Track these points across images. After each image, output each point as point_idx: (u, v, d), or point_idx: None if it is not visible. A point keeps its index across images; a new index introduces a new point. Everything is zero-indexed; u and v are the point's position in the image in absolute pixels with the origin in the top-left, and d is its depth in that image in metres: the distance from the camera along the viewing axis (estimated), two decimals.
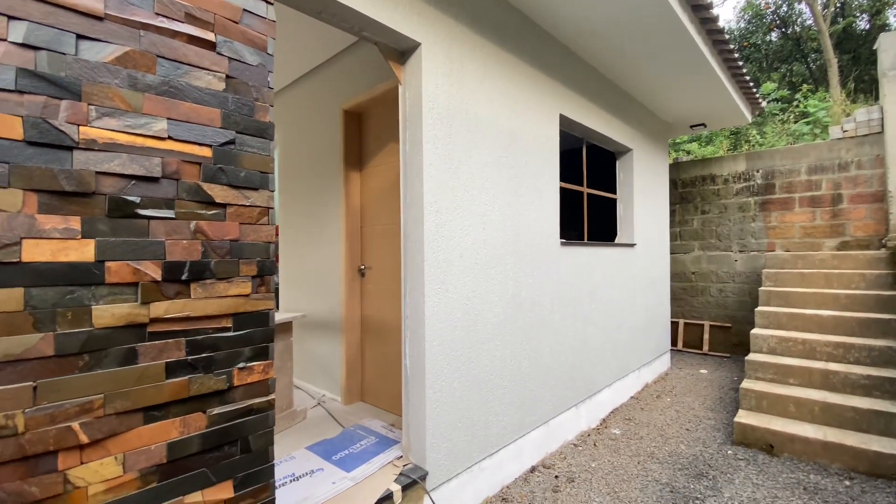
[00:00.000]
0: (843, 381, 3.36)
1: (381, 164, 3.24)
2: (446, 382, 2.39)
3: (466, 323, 2.52)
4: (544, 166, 3.20)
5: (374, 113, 3.31)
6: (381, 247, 3.26)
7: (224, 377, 1.25)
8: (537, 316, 3.09)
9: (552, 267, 3.27)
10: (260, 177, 1.33)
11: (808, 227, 5.53)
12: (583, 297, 3.65)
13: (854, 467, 2.90)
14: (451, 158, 2.44)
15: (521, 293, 2.95)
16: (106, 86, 1.08)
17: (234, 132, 1.28)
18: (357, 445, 2.55)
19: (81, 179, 1.02)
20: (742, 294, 6.01)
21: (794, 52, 11.04)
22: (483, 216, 2.65)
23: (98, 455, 1.04)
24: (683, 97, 4.67)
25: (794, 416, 3.34)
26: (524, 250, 2.98)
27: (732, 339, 6.07)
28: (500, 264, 2.76)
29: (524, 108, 2.99)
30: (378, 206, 3.28)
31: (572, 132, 3.91)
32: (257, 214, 1.32)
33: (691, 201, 6.47)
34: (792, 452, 3.12)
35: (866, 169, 5.11)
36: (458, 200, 2.47)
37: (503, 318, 2.78)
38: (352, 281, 3.38)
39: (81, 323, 1.02)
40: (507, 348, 2.82)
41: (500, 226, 2.77)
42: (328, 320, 3.57)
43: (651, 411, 4.08)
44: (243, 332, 1.29)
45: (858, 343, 3.52)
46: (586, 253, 3.73)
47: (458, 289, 2.47)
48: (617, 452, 3.27)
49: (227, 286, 1.26)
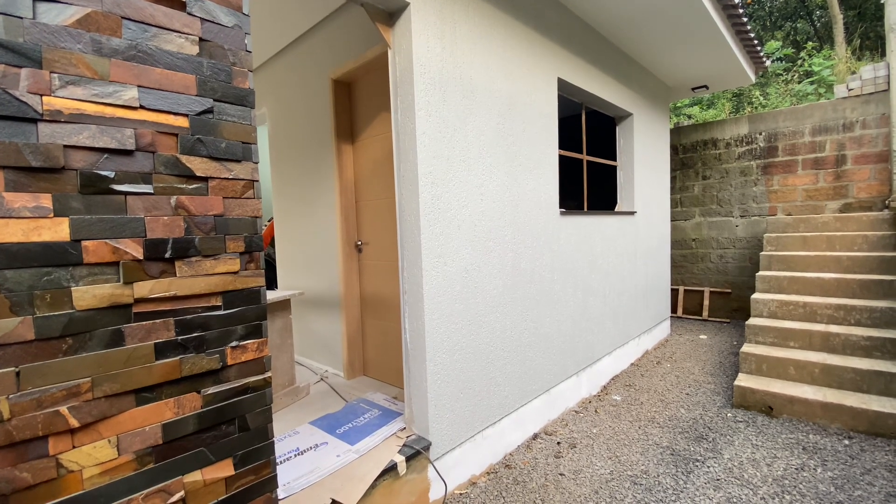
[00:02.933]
0: (843, 343, 3.36)
1: (374, 135, 3.14)
2: (447, 355, 2.38)
3: (466, 295, 2.49)
4: (542, 133, 3.10)
5: (364, 81, 3.19)
6: (378, 221, 3.20)
7: (217, 356, 1.22)
8: (537, 287, 3.06)
9: (552, 237, 3.22)
10: (242, 147, 1.26)
11: (810, 190, 5.45)
12: (583, 267, 3.62)
13: (854, 427, 2.93)
14: (446, 126, 2.35)
15: (521, 264, 2.91)
16: (68, 51, 1.00)
17: (212, 100, 1.20)
18: (360, 419, 2.56)
19: (49, 154, 0.96)
20: (742, 259, 5.99)
21: (798, 9, 10.63)
22: (480, 187, 2.58)
23: (90, 438, 1.01)
24: (686, 58, 4.50)
25: (793, 378, 3.36)
26: (523, 221, 2.92)
27: (732, 304, 6.09)
28: (498, 236, 2.71)
29: (521, 72, 2.88)
30: (373, 180, 3.20)
31: (571, 97, 3.78)
32: (241, 188, 1.26)
33: (692, 167, 6.36)
34: (791, 414, 3.16)
35: (871, 128, 4.99)
36: (454, 171, 2.40)
37: (502, 290, 2.75)
38: (349, 257, 3.34)
39: (61, 305, 0.98)
40: (508, 319, 2.80)
41: (498, 196, 2.70)
42: (327, 297, 3.55)
43: (651, 377, 4.12)
44: (234, 311, 1.24)
45: (860, 305, 3.51)
46: (586, 222, 3.68)
47: (457, 262, 2.43)
48: (618, 418, 3.31)
49: (213, 263, 1.21)
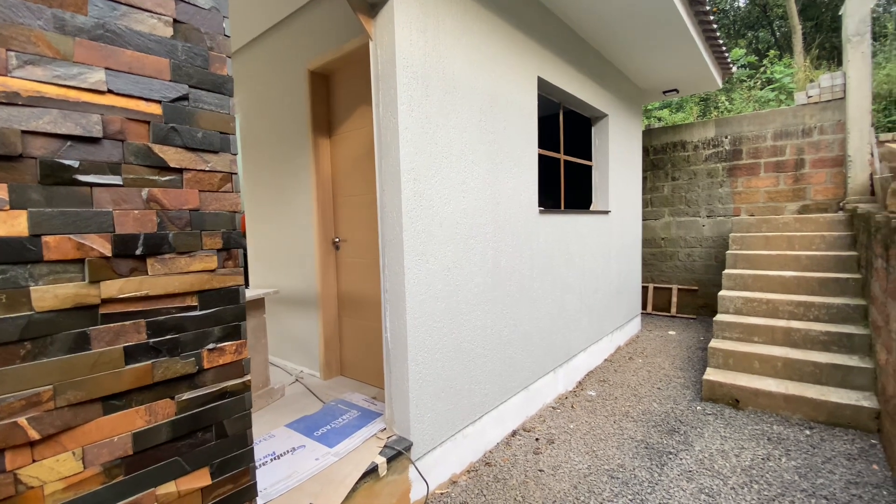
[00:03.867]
0: (803, 338, 3.54)
1: (352, 130, 3.07)
2: (428, 354, 2.35)
3: (447, 293, 2.47)
4: (523, 132, 3.11)
5: (343, 73, 3.10)
6: (356, 218, 3.13)
7: (192, 360, 1.14)
8: (516, 284, 3.07)
9: (531, 236, 3.23)
10: (220, 138, 1.19)
11: (771, 192, 5.71)
12: (560, 265, 3.66)
13: (814, 418, 3.09)
14: (429, 122, 2.31)
15: (501, 262, 2.91)
16: (27, 28, 0.90)
17: (187, 86, 1.12)
18: (339, 420, 2.50)
19: (4, 140, 0.86)
20: (709, 258, 6.22)
21: (760, 18, 11.15)
22: (462, 184, 2.55)
23: (52, 451, 0.93)
24: (659, 62, 4.62)
25: (758, 371, 3.51)
26: (503, 219, 2.92)
27: (699, 301, 6.31)
28: (480, 234, 2.70)
29: (503, 70, 2.87)
30: (351, 175, 3.13)
31: (550, 96, 3.81)
32: (219, 181, 1.19)
33: (662, 168, 6.55)
34: (756, 406, 3.30)
35: (828, 134, 5.27)
36: (436, 167, 2.37)
37: (483, 288, 2.74)
38: (326, 254, 3.25)
39: (19, 306, 0.89)
40: (488, 317, 2.80)
41: (479, 194, 2.69)
42: (303, 295, 3.45)
43: (624, 373, 4.22)
44: (211, 311, 1.17)
45: (818, 301, 3.70)
46: (563, 221, 3.72)
47: (439, 259, 2.40)
48: (594, 413, 3.37)
49: (189, 261, 1.13)
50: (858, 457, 2.65)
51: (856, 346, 3.31)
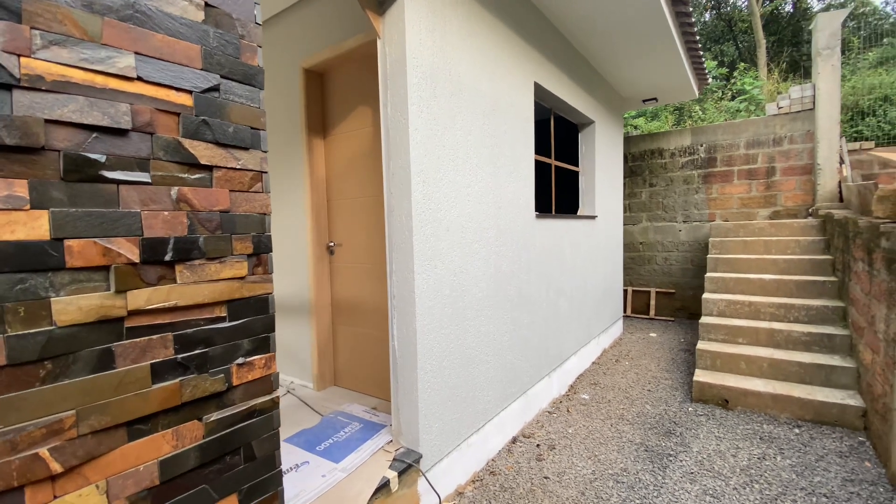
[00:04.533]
0: (786, 339, 3.68)
1: (349, 131, 2.97)
2: (436, 362, 2.29)
3: (454, 299, 2.41)
4: (521, 136, 3.10)
5: (340, 72, 3.01)
6: (352, 222, 3.03)
7: (221, 376, 1.04)
8: (516, 289, 3.05)
9: (528, 240, 3.22)
10: (251, 133, 1.09)
11: (744, 199, 5.96)
12: (554, 268, 3.67)
13: (801, 416, 3.20)
14: (437, 123, 2.26)
15: (503, 266, 2.88)
16: (53, 4, 0.79)
17: (219, 76, 1.02)
18: (341, 433, 2.39)
19: (26, 129, 0.75)
20: (685, 262, 6.42)
21: (725, 32, 11.75)
22: (467, 187, 2.51)
23: (75, 485, 0.81)
24: (644, 71, 4.74)
25: (745, 372, 3.62)
26: (504, 223, 2.89)
27: (676, 303, 6.50)
28: (482, 238, 2.66)
29: (504, 73, 2.85)
30: (347, 178, 3.03)
31: (543, 102, 3.83)
32: (249, 180, 1.09)
33: (640, 174, 6.73)
34: (745, 406, 3.39)
35: (798, 143, 5.55)
36: (443, 170, 2.31)
37: (487, 293, 2.70)
38: (320, 259, 3.13)
39: (38, 321, 0.77)
40: (491, 323, 2.76)
41: (482, 198, 2.65)
42: (295, 302, 3.31)
43: (613, 375, 4.27)
44: (241, 322, 1.07)
45: (798, 303, 3.86)
46: (557, 225, 3.74)
47: (446, 264, 2.34)
48: (590, 417, 3.38)
49: (219, 268, 1.03)
50: (850, 454, 2.75)
51: (836, 346, 3.47)
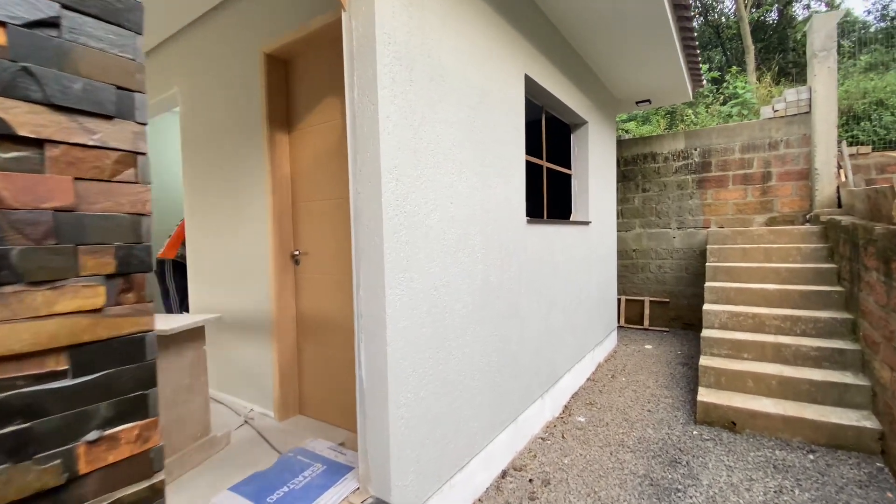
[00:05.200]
0: (794, 354, 3.40)
1: (317, 124, 2.62)
2: (412, 393, 1.93)
3: (434, 318, 2.06)
4: (511, 133, 2.78)
5: (306, 58, 2.66)
6: (320, 227, 2.66)
7: (58, 463, 0.68)
8: (505, 302, 2.71)
9: (519, 247, 2.90)
10: (117, 96, 0.74)
11: (740, 204, 5.74)
12: (546, 278, 3.35)
13: (814, 440, 2.91)
14: (413, 112, 1.92)
15: (490, 277, 2.54)
16: None
17: (58, 4, 0.68)
18: (300, 478, 2.01)
19: None
20: (679, 270, 6.17)
21: (713, 39, 11.73)
22: (450, 188, 2.17)
23: None
24: (639, 70, 4.48)
25: (752, 391, 3.33)
26: (492, 229, 2.56)
27: (670, 313, 6.24)
28: (468, 246, 2.32)
29: (492, 63, 2.53)
30: (314, 177, 2.67)
31: (535, 99, 3.53)
32: (112, 164, 0.74)
33: (633, 179, 6.49)
34: (753, 428, 3.10)
35: (794, 148, 5.35)
36: (421, 167, 1.97)
37: (472, 308, 2.36)
38: (283, 270, 2.75)
39: None
40: (478, 342, 2.42)
41: (467, 200, 2.32)
42: (254, 319, 2.92)
43: (610, 393, 3.95)
44: (94, 377, 0.71)
45: (804, 315, 3.60)
46: (549, 231, 3.42)
47: (425, 277, 1.99)
48: (587, 444, 3.05)
49: (52, 296, 0.67)
50: (869, 483, 2.47)
51: (848, 362, 3.20)
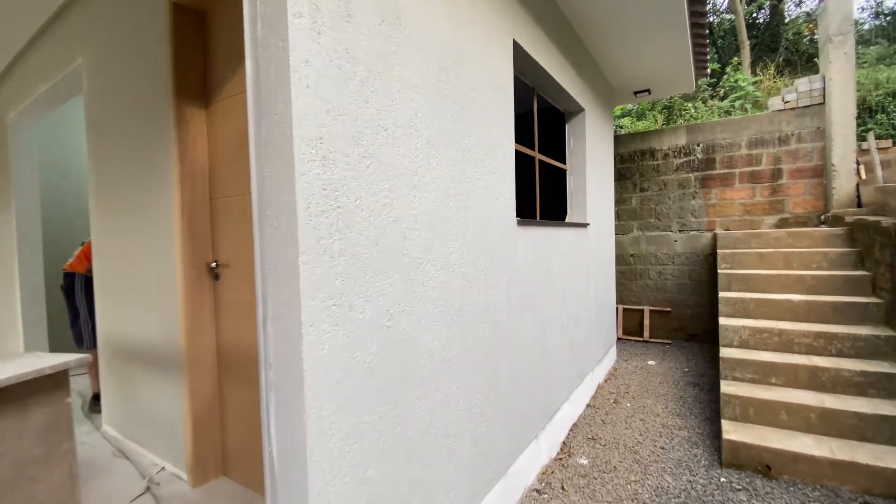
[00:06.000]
0: (833, 380, 2.86)
1: (242, 93, 1.99)
2: (351, 476, 1.30)
3: (388, 360, 1.44)
4: (497, 111, 2.19)
5: (226, 8, 2.03)
6: (247, 230, 2.02)
7: None
8: (492, 326, 2.11)
9: (509, 255, 2.30)
10: None
11: (747, 205, 5.25)
12: (541, 291, 2.76)
13: (869, 489, 2.37)
14: (354, 61, 1.31)
15: (472, 295, 1.93)
16: None
17: None
18: None
19: None
20: (682, 276, 5.65)
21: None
22: (413, 175, 1.56)
23: None
24: (641, 53, 3.95)
25: (787, 425, 2.78)
26: (474, 232, 1.96)
27: (672, 323, 5.72)
28: (441, 254, 1.71)
29: (470, 16, 1.93)
30: (238, 163, 2.03)
31: (524, 76, 2.95)
32: None
33: (630, 178, 5.97)
34: (793, 474, 2.54)
35: (806, 142, 4.88)
36: (366, 142, 1.36)
37: (448, 339, 1.75)
38: (196, 288, 2.10)
39: None
40: (454, 384, 1.80)
41: (440, 193, 1.71)
42: (162, 351, 2.25)
43: (614, 424, 3.37)
44: None
45: (840, 332, 3.07)
46: (543, 235, 2.84)
47: (372, 303, 1.37)
48: (592, 497, 2.46)
49: None
50: None
51: None
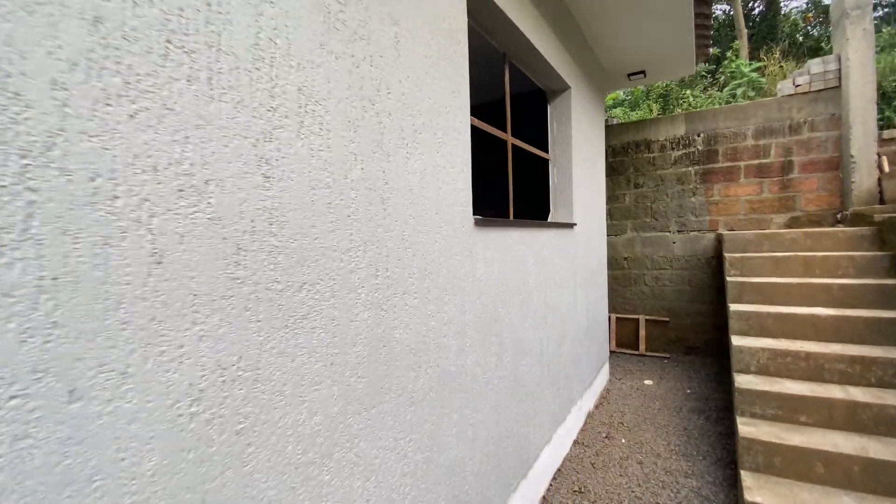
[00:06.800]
0: (876, 419, 2.28)
1: None
2: None
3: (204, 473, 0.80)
4: (439, 66, 1.56)
5: None
6: None
7: None
8: (435, 375, 1.48)
9: (462, 267, 1.67)
10: None
11: (754, 202, 4.68)
12: (512, 311, 2.14)
13: None
14: None
15: (394, 333, 1.30)
16: None
17: None
18: None
19: None
20: (681, 282, 5.07)
21: None
22: (263, 144, 0.92)
23: None
24: (637, 23, 3.34)
25: (824, 480, 2.18)
26: (399, 237, 1.32)
27: (670, 334, 5.14)
28: (330, 272, 1.07)
29: None
30: None
31: (490, 34, 2.32)
32: None
33: (623, 173, 5.38)
34: None
35: (820, 131, 4.32)
36: (148, 64, 0.72)
37: (340, 409, 1.11)
38: None
39: None
40: (357, 478, 1.17)
41: (327, 174, 1.07)
42: None
43: (606, 468, 2.76)
44: None
45: (880, 356, 2.49)
46: (516, 238, 2.21)
47: (162, 377, 0.73)
48: None
49: None
50: None
51: None
